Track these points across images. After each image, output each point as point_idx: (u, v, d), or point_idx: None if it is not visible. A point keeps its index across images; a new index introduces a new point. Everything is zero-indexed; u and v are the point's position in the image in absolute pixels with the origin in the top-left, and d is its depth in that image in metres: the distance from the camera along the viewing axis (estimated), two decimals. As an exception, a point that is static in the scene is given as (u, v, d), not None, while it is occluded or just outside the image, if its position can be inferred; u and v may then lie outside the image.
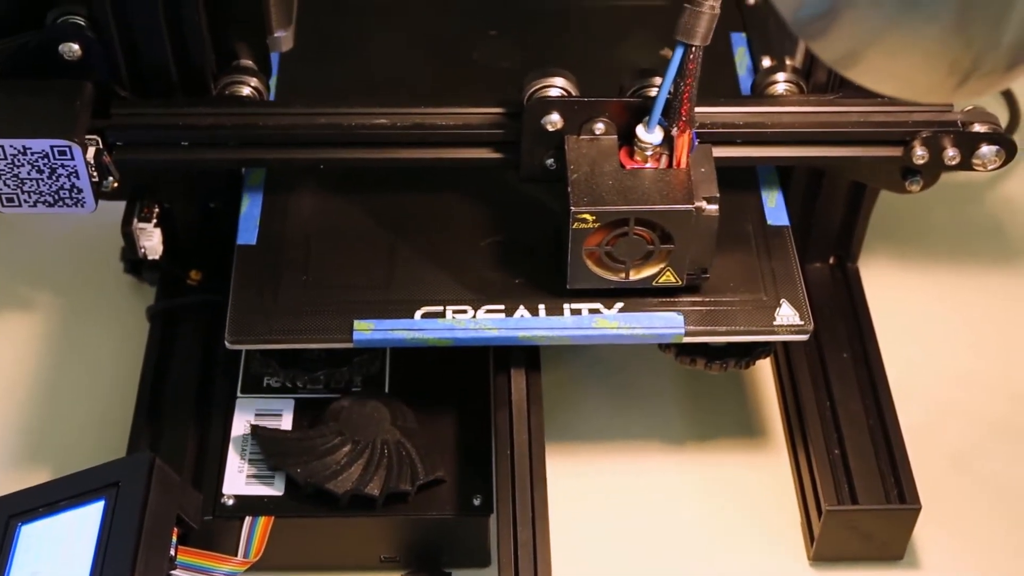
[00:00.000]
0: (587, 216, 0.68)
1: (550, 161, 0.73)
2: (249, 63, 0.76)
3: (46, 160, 0.69)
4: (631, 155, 0.71)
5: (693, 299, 0.72)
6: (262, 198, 0.77)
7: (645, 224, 0.69)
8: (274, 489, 0.74)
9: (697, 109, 0.73)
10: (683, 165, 0.70)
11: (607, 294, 0.72)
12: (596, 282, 0.72)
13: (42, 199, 0.71)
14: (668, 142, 0.70)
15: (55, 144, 0.68)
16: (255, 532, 0.72)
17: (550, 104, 0.71)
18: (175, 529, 0.67)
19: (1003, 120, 0.93)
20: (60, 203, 0.71)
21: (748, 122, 0.74)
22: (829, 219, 0.84)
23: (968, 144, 0.74)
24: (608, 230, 0.70)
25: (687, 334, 0.71)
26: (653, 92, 0.71)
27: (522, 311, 0.72)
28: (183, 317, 0.83)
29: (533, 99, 0.72)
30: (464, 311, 0.72)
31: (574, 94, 0.72)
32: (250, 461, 0.75)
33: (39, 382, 0.85)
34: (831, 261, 0.87)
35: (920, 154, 0.74)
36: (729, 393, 0.85)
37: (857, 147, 0.75)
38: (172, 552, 0.66)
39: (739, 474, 0.81)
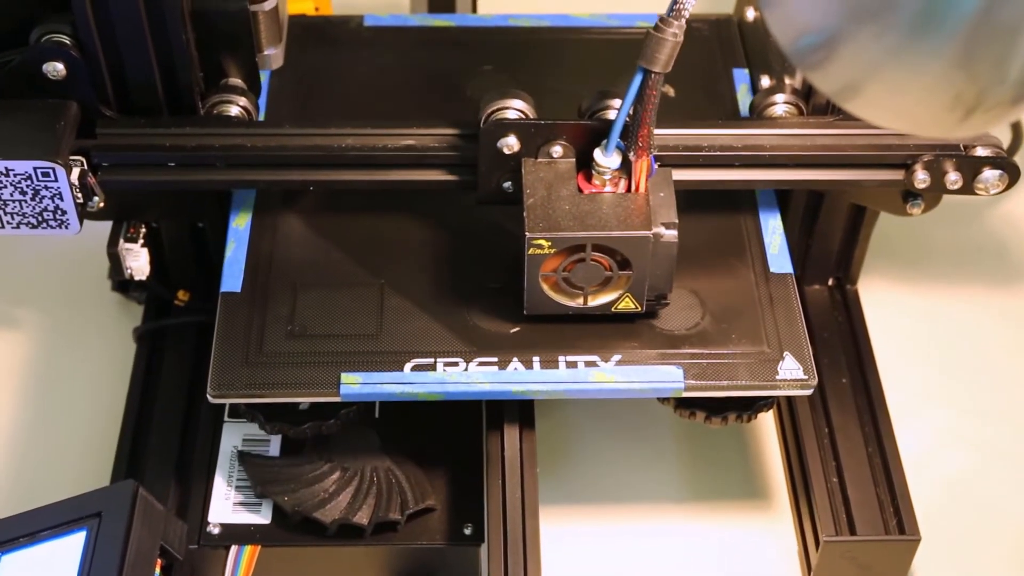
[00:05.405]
0: (543, 242, 0.67)
1: (507, 184, 0.71)
2: (238, 82, 0.75)
3: (29, 182, 0.68)
4: (589, 179, 0.69)
5: (693, 351, 0.70)
6: (248, 241, 0.74)
7: (603, 250, 0.68)
8: (261, 517, 0.73)
9: (695, 131, 0.73)
10: (642, 190, 0.68)
11: (604, 346, 0.70)
12: (554, 308, 0.70)
13: (25, 221, 0.70)
14: (627, 166, 0.68)
15: (38, 166, 0.67)
16: (241, 562, 0.71)
17: (506, 127, 0.70)
18: (158, 560, 0.66)
19: (1005, 141, 0.92)
20: (44, 225, 0.70)
21: (747, 144, 0.72)
22: (828, 240, 0.83)
23: (971, 168, 0.72)
24: (565, 255, 0.68)
25: (687, 388, 0.69)
26: (611, 115, 0.70)
27: (516, 364, 0.69)
28: (170, 338, 0.82)
29: (490, 121, 0.71)
30: (456, 363, 0.69)
31: (532, 117, 0.71)
32: (237, 488, 0.74)
33: (24, 404, 0.84)
34: (830, 283, 0.85)
35: (922, 178, 0.72)
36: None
37: (857, 171, 0.73)
38: (155, 584, 0.65)
39: (734, 501, 0.79)
